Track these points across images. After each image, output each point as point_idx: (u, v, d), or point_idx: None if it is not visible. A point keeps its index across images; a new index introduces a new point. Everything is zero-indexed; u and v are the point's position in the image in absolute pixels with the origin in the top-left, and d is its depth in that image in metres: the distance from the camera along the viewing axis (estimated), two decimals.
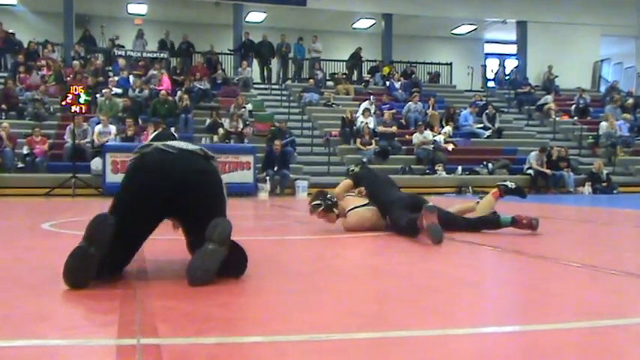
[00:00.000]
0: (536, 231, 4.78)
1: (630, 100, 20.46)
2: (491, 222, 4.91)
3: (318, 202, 5.11)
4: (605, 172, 15.84)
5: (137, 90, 16.32)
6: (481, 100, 19.32)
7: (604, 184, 15.54)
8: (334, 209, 5.11)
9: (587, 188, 15.37)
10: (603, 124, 18.10)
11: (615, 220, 7.63)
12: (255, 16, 22.46)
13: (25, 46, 18.62)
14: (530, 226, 4.77)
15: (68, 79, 16.48)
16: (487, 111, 18.14)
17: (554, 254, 3.87)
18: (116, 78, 16.87)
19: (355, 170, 5.76)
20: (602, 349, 1.83)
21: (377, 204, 5.10)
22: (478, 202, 5.30)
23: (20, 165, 13.54)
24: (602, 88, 23.34)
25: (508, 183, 5.32)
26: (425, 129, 16.43)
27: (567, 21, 22.62)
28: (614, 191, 15.35)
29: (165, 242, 3.37)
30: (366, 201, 5.14)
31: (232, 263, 2.74)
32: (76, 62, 17.36)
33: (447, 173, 15.47)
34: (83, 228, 3.14)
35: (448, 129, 17.09)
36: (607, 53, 24.87)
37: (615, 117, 18.60)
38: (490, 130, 17.62)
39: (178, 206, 2.81)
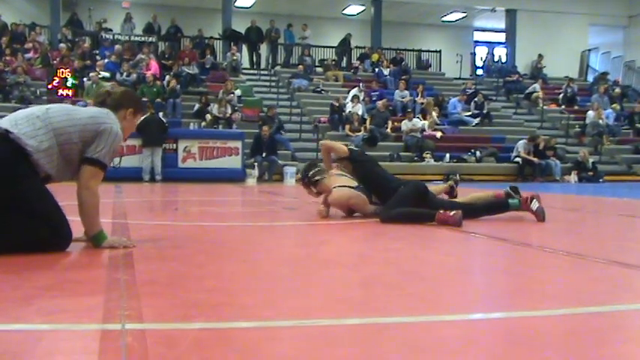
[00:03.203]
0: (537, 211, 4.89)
1: (617, 90, 20.56)
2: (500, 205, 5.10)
3: (306, 173, 5.24)
4: (591, 160, 15.94)
5: (125, 74, 16.16)
6: (470, 88, 19.32)
7: (590, 172, 15.63)
8: (312, 187, 5.22)
9: (573, 177, 15.47)
10: (590, 113, 18.17)
11: (600, 208, 7.69)
12: (244, 1, 22.28)
13: (10, 28, 18.32)
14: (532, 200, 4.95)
15: (55, 62, 16.27)
16: (476, 99, 18.16)
17: (539, 242, 3.90)
18: (105, 61, 16.69)
19: (352, 148, 5.62)
20: (586, 335, 1.85)
21: (377, 189, 5.09)
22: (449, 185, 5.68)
23: None
24: (590, 78, 23.44)
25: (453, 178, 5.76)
26: (414, 116, 16.42)
27: (556, 10, 22.66)
28: (600, 180, 15.46)
29: (151, 227, 3.36)
30: (354, 184, 5.13)
31: None
32: (63, 45, 17.14)
33: (435, 161, 15.50)
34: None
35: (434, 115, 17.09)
36: (595, 42, 24.95)
37: (602, 106, 18.69)
38: (479, 118, 17.63)
39: None
